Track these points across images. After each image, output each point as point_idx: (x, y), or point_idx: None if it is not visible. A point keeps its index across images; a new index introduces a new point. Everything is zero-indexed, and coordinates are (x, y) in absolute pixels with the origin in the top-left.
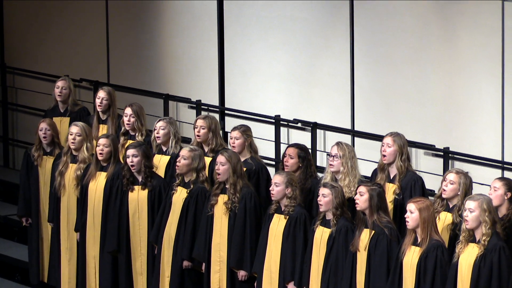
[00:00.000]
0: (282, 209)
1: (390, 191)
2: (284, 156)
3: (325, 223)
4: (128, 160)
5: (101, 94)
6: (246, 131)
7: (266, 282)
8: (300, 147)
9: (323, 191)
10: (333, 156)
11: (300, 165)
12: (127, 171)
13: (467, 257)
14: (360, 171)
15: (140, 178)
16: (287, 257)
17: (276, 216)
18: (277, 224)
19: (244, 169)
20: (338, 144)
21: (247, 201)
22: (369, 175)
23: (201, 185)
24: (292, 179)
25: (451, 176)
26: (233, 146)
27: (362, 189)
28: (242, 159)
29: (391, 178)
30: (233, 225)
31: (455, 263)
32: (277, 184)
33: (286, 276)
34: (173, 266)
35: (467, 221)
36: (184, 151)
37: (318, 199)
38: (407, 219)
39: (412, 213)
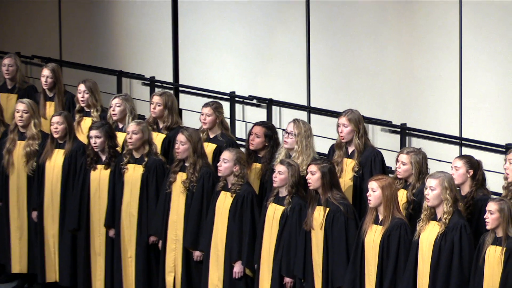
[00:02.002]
0: (229, 187)
1: (349, 167)
2: (250, 134)
3: (278, 200)
4: (92, 141)
5: (45, 72)
6: (218, 108)
7: (213, 260)
8: (267, 125)
9: (279, 168)
10: (288, 133)
11: (266, 144)
12: (91, 151)
13: (428, 235)
14: (316, 149)
15: (104, 158)
16: (234, 236)
17: (222, 193)
18: (224, 202)
19: (214, 146)
20: (295, 121)
21: (205, 181)
22: (326, 152)
23: (156, 158)
24: (241, 157)
25: (402, 158)
26: (204, 123)
27: (313, 167)
28: (213, 136)
29: (349, 153)
30: (190, 204)
31: (416, 241)
32: (226, 161)
33: (233, 256)
34: (138, 245)
35: (428, 199)
36: (132, 126)
37: (274, 175)
38: (369, 198)
39: (374, 191)
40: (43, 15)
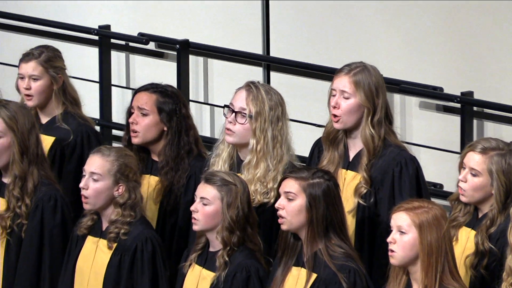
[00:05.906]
0: (103, 228)
1: (350, 186)
2: (130, 112)
3: (206, 261)
4: None
5: None
6: (51, 61)
7: None
8: (163, 90)
9: (203, 191)
10: (235, 113)
11: (165, 128)
12: None
13: None
14: (295, 150)
15: None
16: None
17: (91, 240)
18: (92, 258)
19: (51, 139)
20: (250, 87)
21: (47, 214)
22: (305, 153)
23: None
24: (126, 165)
25: (473, 160)
26: (28, 95)
27: (291, 186)
28: (47, 118)
29: (351, 159)
30: (15, 261)
31: None
32: (96, 177)
33: None
34: None
35: None
36: None
37: (192, 207)
38: (391, 248)
39: (404, 234)
40: None
